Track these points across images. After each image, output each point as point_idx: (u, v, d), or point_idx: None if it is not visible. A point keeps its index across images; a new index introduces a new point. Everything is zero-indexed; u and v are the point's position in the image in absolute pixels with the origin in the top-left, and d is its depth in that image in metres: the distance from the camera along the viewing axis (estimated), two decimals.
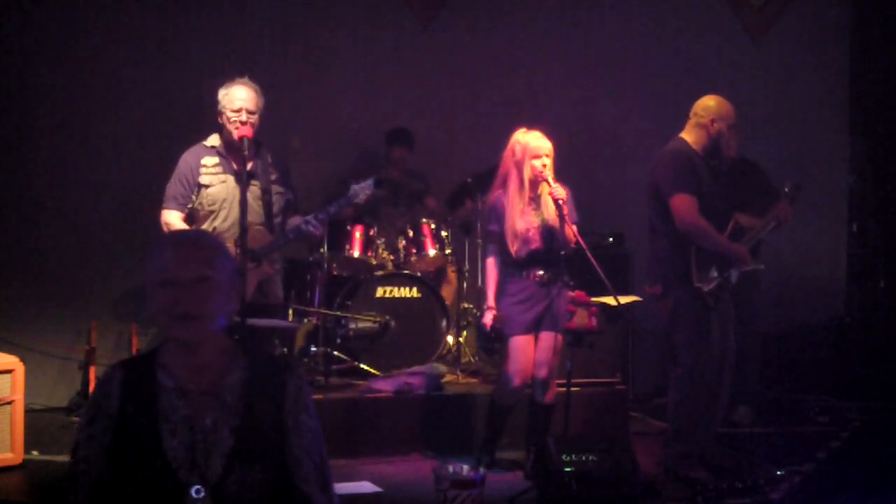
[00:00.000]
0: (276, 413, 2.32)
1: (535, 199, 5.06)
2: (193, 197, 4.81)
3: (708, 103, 5.06)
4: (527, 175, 4.98)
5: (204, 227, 4.79)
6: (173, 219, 4.80)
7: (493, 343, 6.16)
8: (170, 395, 2.27)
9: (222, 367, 2.32)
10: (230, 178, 4.78)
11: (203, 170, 4.79)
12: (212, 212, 4.79)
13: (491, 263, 5.14)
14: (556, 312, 5.06)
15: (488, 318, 5.13)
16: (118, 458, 2.24)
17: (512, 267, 5.07)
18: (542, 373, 5.09)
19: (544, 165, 4.95)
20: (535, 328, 5.08)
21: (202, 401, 2.29)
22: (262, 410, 2.31)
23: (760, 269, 5.36)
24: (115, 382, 2.28)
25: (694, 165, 4.96)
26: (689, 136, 5.06)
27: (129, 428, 2.25)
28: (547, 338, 5.08)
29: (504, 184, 5.08)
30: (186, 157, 4.84)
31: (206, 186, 4.78)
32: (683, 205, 4.87)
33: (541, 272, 5.04)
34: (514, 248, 5.00)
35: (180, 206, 4.81)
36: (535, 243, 5.02)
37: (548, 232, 5.03)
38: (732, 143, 6.58)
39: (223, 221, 4.77)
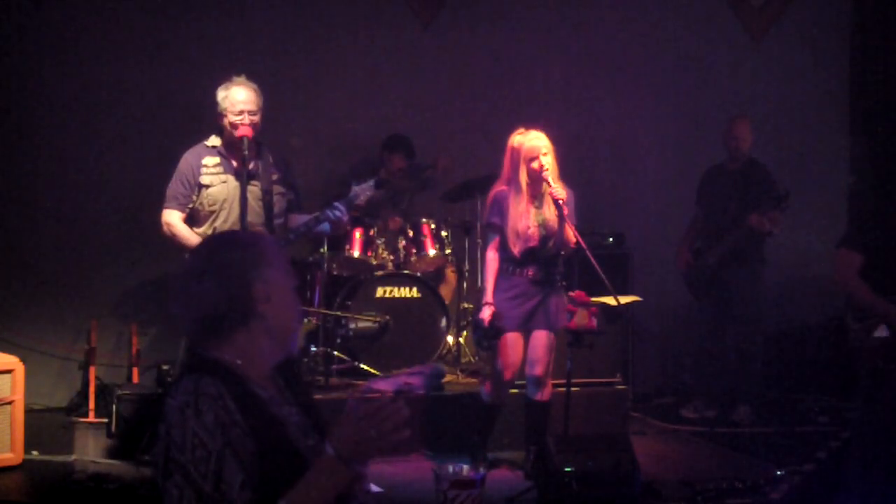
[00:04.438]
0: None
1: (538, 198, 5.07)
2: (194, 197, 4.80)
3: None
4: (523, 179, 4.98)
5: (204, 227, 4.79)
6: (174, 219, 4.79)
7: (489, 339, 6.12)
8: (272, 404, 2.18)
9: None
10: (231, 179, 4.78)
11: (204, 170, 4.79)
12: (212, 212, 4.78)
13: (491, 257, 5.11)
14: (549, 310, 5.06)
15: (486, 314, 5.07)
16: (264, 472, 2.07)
17: (507, 263, 5.08)
18: (536, 370, 5.09)
19: (541, 165, 4.95)
20: (525, 325, 5.08)
21: (285, 404, 2.24)
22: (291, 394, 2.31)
23: None
24: (226, 397, 2.07)
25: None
26: None
27: (261, 440, 2.08)
28: (540, 336, 5.08)
29: (508, 181, 5.07)
30: (187, 157, 4.83)
31: (207, 186, 4.78)
32: (845, 261, 4.84)
33: (534, 270, 5.05)
34: (516, 248, 5.02)
35: (181, 207, 4.80)
36: (533, 241, 5.03)
37: (546, 231, 5.04)
38: (745, 143, 6.59)
39: (223, 222, 4.77)
